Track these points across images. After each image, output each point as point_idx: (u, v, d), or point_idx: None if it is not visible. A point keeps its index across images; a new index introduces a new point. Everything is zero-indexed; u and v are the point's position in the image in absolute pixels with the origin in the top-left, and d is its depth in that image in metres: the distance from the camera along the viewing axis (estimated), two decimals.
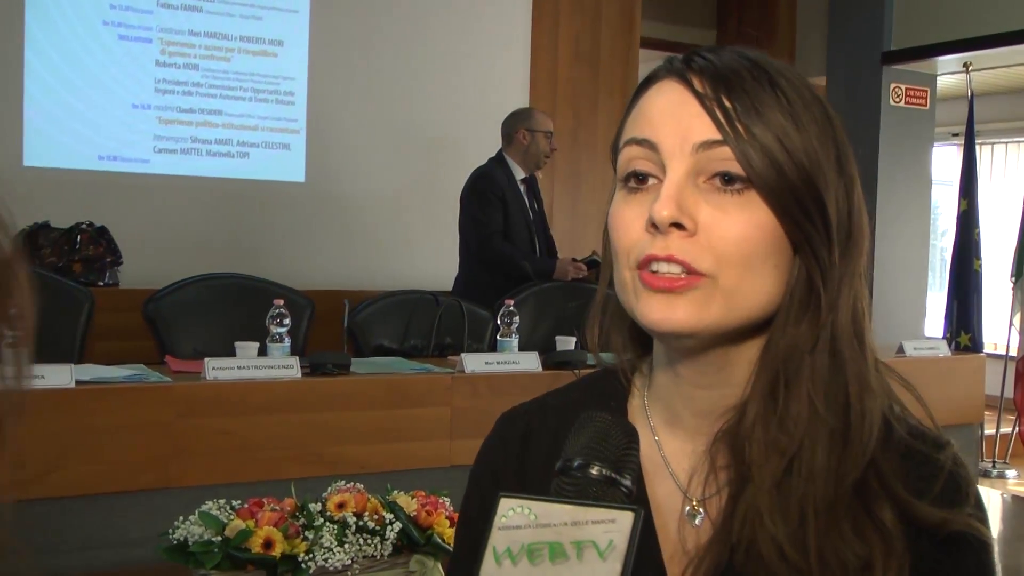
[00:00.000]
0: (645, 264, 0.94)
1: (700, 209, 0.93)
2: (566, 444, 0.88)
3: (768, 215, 0.93)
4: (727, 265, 0.92)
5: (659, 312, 0.94)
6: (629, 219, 0.96)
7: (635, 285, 0.96)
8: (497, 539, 0.77)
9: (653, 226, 0.93)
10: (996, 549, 1.00)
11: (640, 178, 0.96)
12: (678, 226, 0.92)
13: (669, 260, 0.92)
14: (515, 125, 5.36)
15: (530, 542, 0.76)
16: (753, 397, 0.97)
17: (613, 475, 0.84)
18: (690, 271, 0.92)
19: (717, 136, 0.93)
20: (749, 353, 0.98)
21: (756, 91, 0.94)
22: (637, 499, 0.94)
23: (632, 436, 0.89)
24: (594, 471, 0.84)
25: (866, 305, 0.99)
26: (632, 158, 0.97)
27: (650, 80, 1.00)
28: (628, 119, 1.00)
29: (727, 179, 0.93)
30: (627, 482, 0.84)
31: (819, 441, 0.94)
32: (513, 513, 0.78)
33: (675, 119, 0.95)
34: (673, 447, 1.04)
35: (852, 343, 0.96)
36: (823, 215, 0.94)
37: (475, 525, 0.82)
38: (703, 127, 0.94)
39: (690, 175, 0.93)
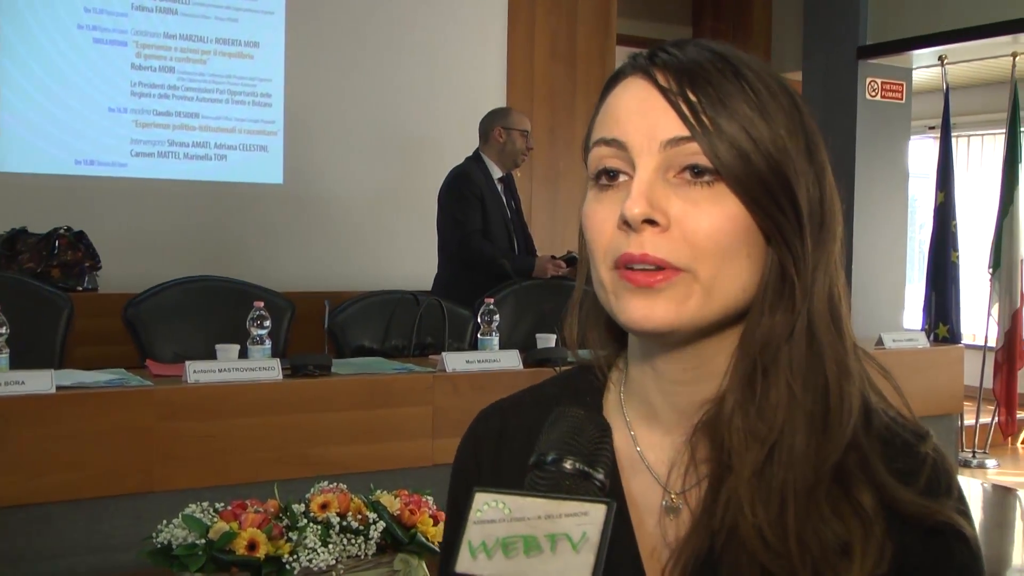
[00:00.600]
0: (623, 263, 0.94)
1: (671, 203, 0.93)
2: (539, 439, 0.89)
3: (739, 206, 0.93)
4: (703, 257, 0.93)
5: (639, 311, 0.94)
6: (602, 217, 0.96)
7: (614, 285, 0.96)
8: (472, 533, 0.78)
9: (626, 224, 0.93)
10: (979, 545, 1.00)
11: (611, 175, 0.97)
12: (651, 222, 0.92)
13: (644, 259, 0.93)
14: (491, 123, 5.37)
15: (504, 535, 0.78)
16: (731, 387, 0.97)
17: (586, 469, 0.85)
18: (667, 267, 0.93)
19: (684, 132, 0.93)
20: (727, 345, 0.98)
21: (721, 83, 0.94)
22: (612, 494, 0.95)
23: (605, 430, 0.90)
24: (567, 465, 0.85)
25: (843, 290, 0.99)
26: (602, 157, 0.97)
27: (616, 77, 1.00)
28: (596, 118, 1.00)
29: (697, 171, 0.93)
30: (600, 475, 0.86)
31: (798, 427, 0.94)
32: (488, 507, 0.79)
33: (641, 116, 0.95)
34: (650, 441, 1.04)
35: (829, 328, 0.96)
36: (794, 204, 0.94)
37: (455, 521, 0.83)
38: (669, 123, 0.94)
39: (659, 171, 0.94)
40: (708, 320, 0.95)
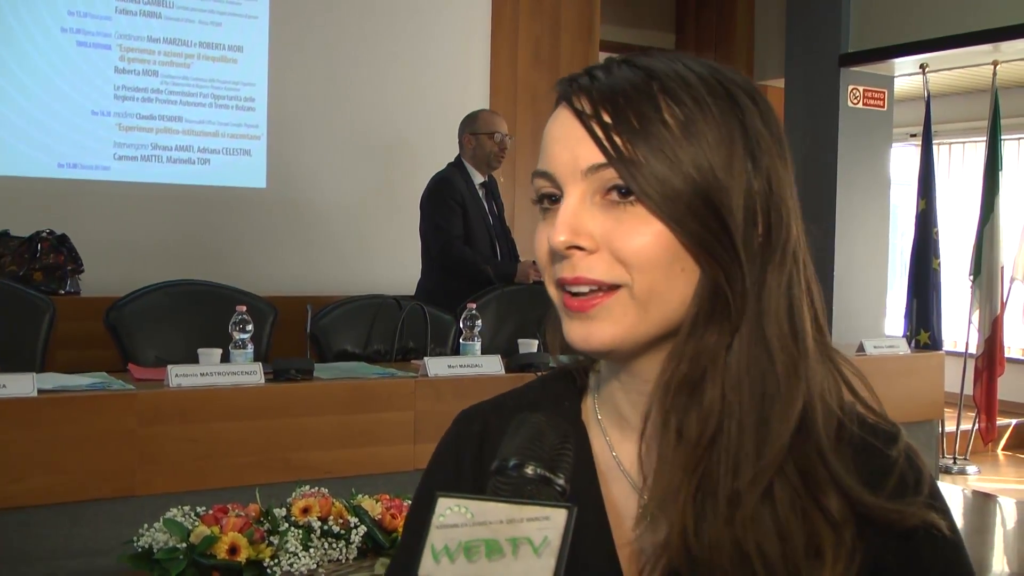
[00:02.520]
0: (561, 285, 0.97)
1: (597, 225, 0.94)
2: (502, 444, 0.90)
3: (663, 225, 0.94)
4: (636, 271, 0.94)
5: (578, 334, 0.97)
6: (542, 240, 0.99)
7: (560, 306, 0.99)
8: (435, 537, 0.79)
9: (555, 253, 0.96)
10: (960, 536, 1.01)
11: (552, 199, 0.99)
12: (577, 247, 0.94)
13: (577, 281, 0.95)
14: (462, 131, 5.36)
15: (467, 540, 0.79)
16: (651, 402, 0.99)
17: (547, 474, 0.87)
18: (601, 286, 0.95)
19: (603, 159, 0.94)
20: None
21: (640, 105, 0.94)
22: (591, 500, 0.98)
23: (566, 436, 0.91)
24: (529, 470, 0.86)
25: (810, 292, 0.99)
26: (539, 186, 0.99)
27: (556, 103, 1.01)
28: (541, 146, 1.02)
29: (622, 192, 0.94)
30: (560, 481, 0.87)
31: (745, 430, 0.95)
32: (450, 512, 0.80)
33: (564, 146, 0.96)
34: (626, 448, 1.05)
35: (784, 334, 0.96)
36: (721, 222, 0.94)
37: (419, 522, 0.84)
38: (589, 152, 0.94)
39: (585, 196, 0.95)
40: (649, 335, 0.97)
